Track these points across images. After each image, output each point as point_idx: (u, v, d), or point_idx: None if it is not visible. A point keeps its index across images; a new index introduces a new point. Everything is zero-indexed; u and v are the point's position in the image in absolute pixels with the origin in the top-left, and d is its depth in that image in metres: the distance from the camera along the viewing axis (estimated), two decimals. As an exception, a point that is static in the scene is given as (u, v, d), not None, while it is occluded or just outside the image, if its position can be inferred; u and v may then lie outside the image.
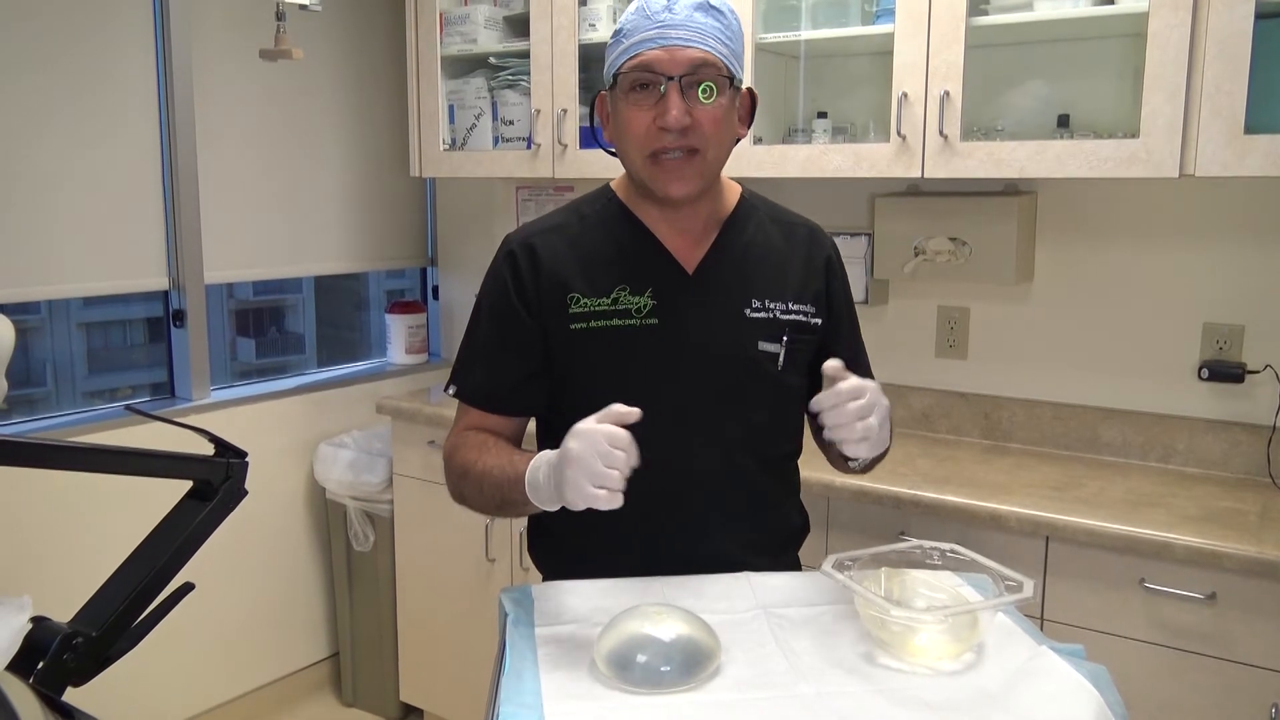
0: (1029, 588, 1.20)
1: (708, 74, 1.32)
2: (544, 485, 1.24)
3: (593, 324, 1.41)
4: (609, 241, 1.45)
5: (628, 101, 1.35)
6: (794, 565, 1.56)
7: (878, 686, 1.11)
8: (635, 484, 1.16)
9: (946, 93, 2.04)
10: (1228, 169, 1.81)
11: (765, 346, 1.44)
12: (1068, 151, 1.96)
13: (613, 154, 1.44)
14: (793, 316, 1.46)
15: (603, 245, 1.45)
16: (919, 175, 2.10)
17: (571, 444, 1.16)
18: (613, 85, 1.37)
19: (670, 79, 1.31)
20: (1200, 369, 2.16)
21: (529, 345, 1.44)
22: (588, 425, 1.17)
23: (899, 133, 2.10)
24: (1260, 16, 1.76)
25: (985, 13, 2.06)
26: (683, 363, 1.42)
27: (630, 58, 1.33)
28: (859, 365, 1.55)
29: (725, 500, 1.44)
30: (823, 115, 2.42)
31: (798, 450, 1.54)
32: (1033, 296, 2.36)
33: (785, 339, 1.45)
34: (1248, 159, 1.79)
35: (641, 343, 1.41)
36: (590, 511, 1.16)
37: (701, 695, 1.10)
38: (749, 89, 1.43)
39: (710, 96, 1.32)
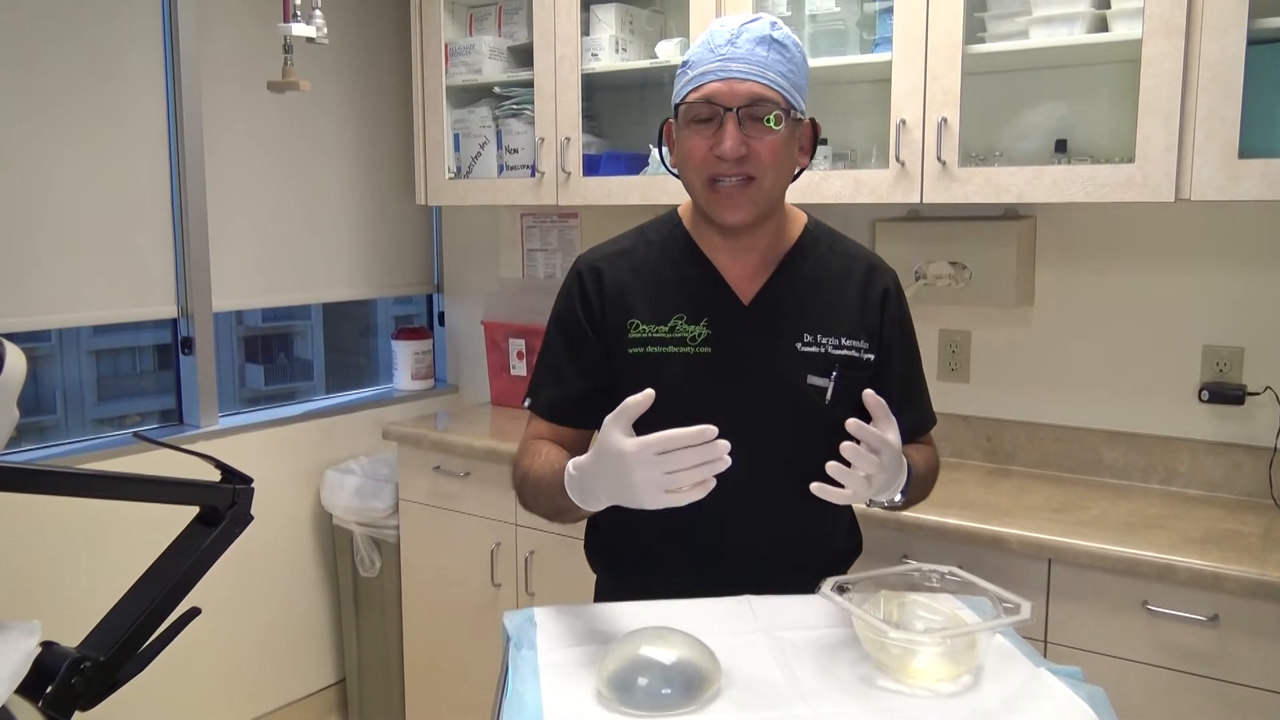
0: (1026, 610, 1.20)
1: (765, 108, 1.35)
2: (587, 491, 1.28)
3: (649, 349, 1.46)
4: (670, 269, 1.50)
5: (689, 130, 1.40)
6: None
7: (877, 708, 1.12)
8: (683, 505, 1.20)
9: (944, 119, 2.06)
10: (1223, 193, 1.83)
11: (814, 380, 1.47)
12: (1065, 176, 1.98)
13: (677, 177, 1.49)
14: (844, 352, 1.48)
15: (664, 272, 1.50)
16: (918, 200, 2.12)
17: (636, 475, 1.18)
18: (677, 114, 1.43)
19: (728, 110, 1.35)
20: (1201, 391, 2.17)
21: (595, 361, 1.50)
22: (630, 446, 1.19)
23: (898, 159, 2.12)
24: (1252, 43, 1.78)
25: (982, 40, 2.09)
26: (732, 392, 1.45)
27: (693, 89, 1.38)
28: (912, 399, 1.58)
29: (768, 527, 1.47)
30: (823, 142, 2.44)
31: None
32: (1033, 320, 2.38)
33: (835, 374, 1.47)
34: (1243, 183, 1.81)
35: (694, 371, 1.45)
36: (637, 525, 1.23)
37: (702, 718, 1.10)
38: (811, 120, 1.46)
39: (768, 124, 1.36)
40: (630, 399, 1.21)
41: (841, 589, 1.27)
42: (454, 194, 2.88)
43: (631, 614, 1.32)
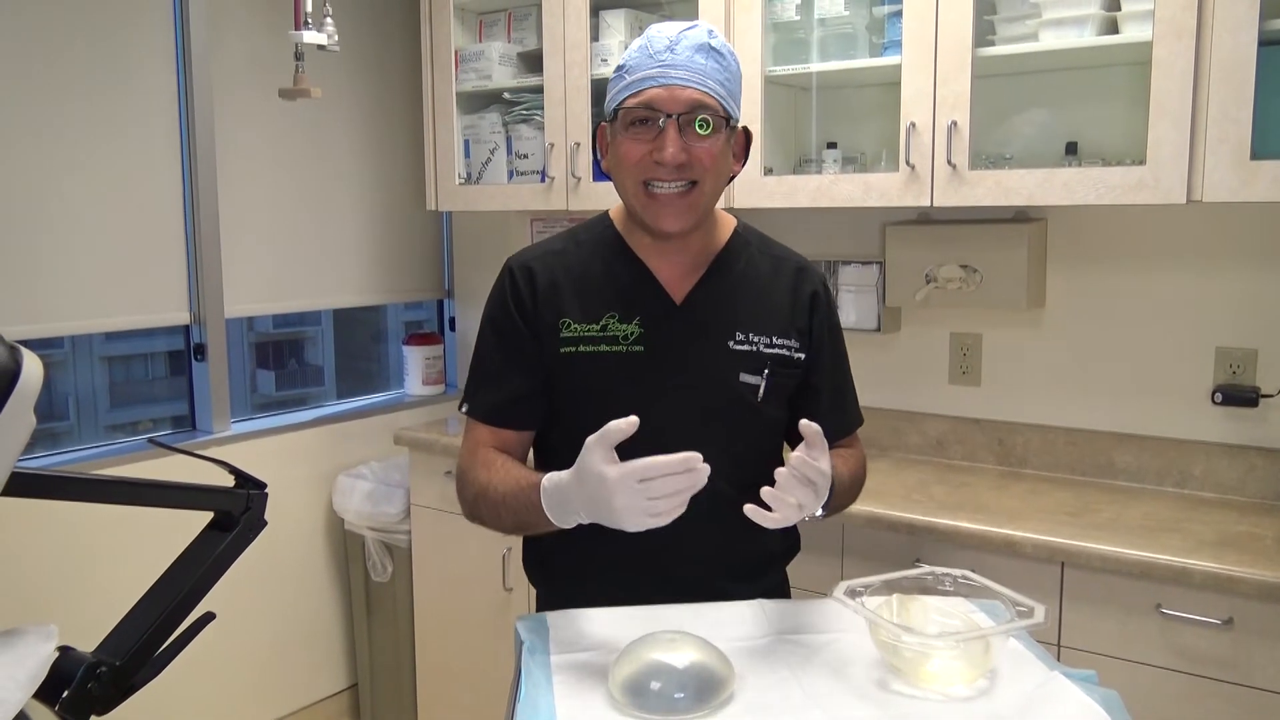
0: (1040, 613, 1.20)
1: (704, 114, 1.37)
2: (566, 510, 1.28)
3: (581, 348, 1.46)
4: (602, 269, 1.50)
5: (627, 134, 1.40)
6: (775, 588, 1.58)
7: (891, 712, 1.12)
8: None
9: (954, 122, 2.06)
10: (1235, 194, 1.83)
11: (746, 378, 1.47)
12: (1075, 179, 1.98)
13: (609, 180, 1.49)
14: (776, 350, 1.49)
15: (596, 272, 1.50)
16: (928, 204, 2.12)
17: (618, 501, 1.20)
18: (613, 118, 1.43)
19: (669, 116, 1.36)
20: (1214, 393, 2.16)
21: (532, 359, 1.49)
22: (613, 473, 1.20)
23: (908, 162, 2.12)
24: (1263, 44, 1.77)
25: (991, 43, 2.09)
26: (665, 390, 1.46)
27: (632, 94, 1.39)
28: (840, 399, 1.59)
29: (702, 525, 1.43)
30: (833, 145, 2.44)
31: None
32: (1045, 322, 2.37)
33: (767, 372, 1.48)
34: (1255, 184, 1.80)
35: (626, 369, 1.45)
36: (571, 535, 1.27)
37: (715, 722, 1.11)
38: (744, 127, 1.48)
39: (706, 131, 1.37)
40: (613, 424, 1.21)
41: (854, 593, 1.27)
42: (464, 199, 2.89)
43: (644, 618, 1.32)
